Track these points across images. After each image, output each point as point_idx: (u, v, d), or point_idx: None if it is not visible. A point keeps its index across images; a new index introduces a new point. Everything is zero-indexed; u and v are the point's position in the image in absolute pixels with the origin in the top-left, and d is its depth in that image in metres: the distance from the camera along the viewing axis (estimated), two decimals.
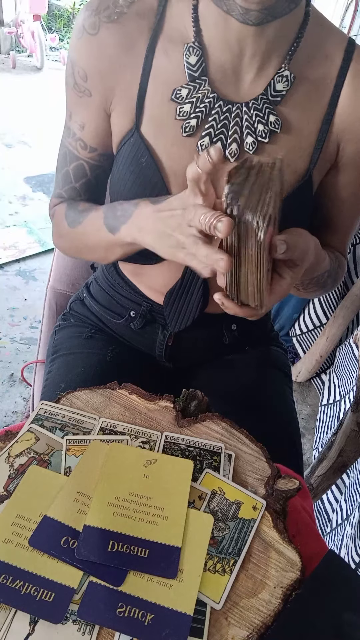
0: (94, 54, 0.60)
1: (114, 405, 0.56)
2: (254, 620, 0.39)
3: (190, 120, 0.59)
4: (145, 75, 0.59)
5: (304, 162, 0.62)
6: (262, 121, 0.59)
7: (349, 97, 0.60)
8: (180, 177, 0.61)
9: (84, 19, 0.59)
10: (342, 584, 0.43)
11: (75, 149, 0.68)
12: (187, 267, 0.67)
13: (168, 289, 0.70)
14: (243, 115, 0.59)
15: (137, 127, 0.61)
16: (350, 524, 1.04)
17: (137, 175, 0.62)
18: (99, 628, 0.38)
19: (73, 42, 0.61)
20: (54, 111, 3.83)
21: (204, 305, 0.69)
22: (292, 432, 0.76)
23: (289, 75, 0.58)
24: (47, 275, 1.06)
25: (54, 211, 0.75)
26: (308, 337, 1.80)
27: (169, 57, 0.59)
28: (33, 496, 0.45)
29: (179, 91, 0.59)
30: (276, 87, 0.59)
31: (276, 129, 0.60)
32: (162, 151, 0.61)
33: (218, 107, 0.59)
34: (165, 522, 0.44)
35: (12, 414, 1.57)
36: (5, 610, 0.38)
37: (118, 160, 0.65)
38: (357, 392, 1.07)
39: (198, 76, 0.58)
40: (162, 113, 0.60)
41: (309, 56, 0.60)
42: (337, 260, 0.73)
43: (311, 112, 0.61)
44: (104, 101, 0.63)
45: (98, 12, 0.58)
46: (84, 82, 0.62)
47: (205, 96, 0.59)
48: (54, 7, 6.08)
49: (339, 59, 0.60)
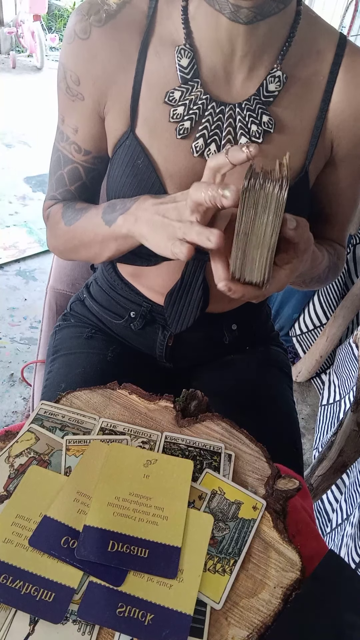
0: (86, 58, 0.60)
1: (114, 405, 0.56)
2: (254, 620, 0.39)
3: (184, 123, 0.59)
4: (138, 78, 0.60)
5: (300, 159, 0.63)
6: (256, 122, 0.59)
7: (341, 92, 0.61)
8: (177, 178, 0.61)
9: (74, 24, 0.59)
10: (342, 584, 0.43)
11: (70, 152, 0.68)
12: (187, 267, 0.67)
13: (168, 290, 0.70)
14: (236, 116, 0.59)
15: (132, 130, 0.61)
16: (350, 523, 1.04)
17: (134, 177, 0.63)
18: (99, 628, 0.38)
19: (64, 47, 0.62)
20: (54, 111, 3.80)
21: (204, 305, 0.69)
22: (292, 432, 0.76)
23: (281, 75, 0.59)
24: (47, 275, 1.06)
25: (48, 212, 0.75)
26: (308, 337, 1.80)
27: (161, 59, 0.59)
28: (33, 496, 0.45)
29: (171, 94, 0.59)
30: (268, 88, 0.59)
31: (270, 129, 0.60)
32: (157, 153, 0.61)
33: (211, 109, 0.59)
34: (165, 522, 0.44)
35: (12, 414, 1.57)
36: (5, 610, 0.38)
37: (114, 163, 0.65)
38: (357, 392, 1.07)
39: (190, 78, 0.58)
40: (156, 115, 0.60)
41: (301, 55, 0.60)
42: (335, 253, 0.73)
43: (304, 111, 0.61)
44: (97, 105, 0.63)
45: (89, 16, 0.59)
46: (76, 86, 0.62)
47: (198, 98, 0.59)
48: (54, 7, 6.08)
49: (331, 54, 0.60)
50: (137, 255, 0.69)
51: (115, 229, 0.61)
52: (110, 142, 0.66)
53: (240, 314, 0.79)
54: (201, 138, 0.60)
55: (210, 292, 0.69)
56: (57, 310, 1.03)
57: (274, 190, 0.46)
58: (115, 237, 0.62)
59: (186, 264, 0.67)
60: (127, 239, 0.61)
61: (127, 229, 0.59)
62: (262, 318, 0.87)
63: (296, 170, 0.63)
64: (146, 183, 0.62)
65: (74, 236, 0.69)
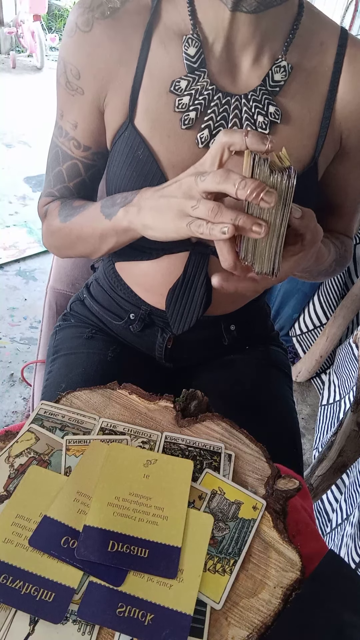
0: (87, 51, 0.60)
1: (114, 405, 0.56)
2: (254, 620, 0.39)
3: (190, 113, 0.59)
4: (140, 69, 0.59)
5: (309, 150, 0.62)
6: (262, 112, 0.59)
7: (347, 83, 0.61)
8: (179, 169, 0.60)
9: (76, 17, 0.59)
10: (342, 584, 0.43)
11: (69, 148, 0.68)
12: (189, 261, 0.66)
13: (169, 288, 0.69)
14: (242, 107, 0.60)
15: (130, 120, 0.61)
16: (350, 523, 1.04)
17: (134, 169, 0.62)
18: (99, 628, 0.38)
19: (65, 41, 0.61)
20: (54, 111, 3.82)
21: (207, 303, 0.68)
22: (292, 432, 0.76)
23: (286, 65, 0.59)
24: (47, 275, 1.06)
25: (45, 209, 0.74)
26: (308, 337, 1.80)
27: (167, 49, 0.59)
28: (33, 496, 0.45)
29: (177, 83, 0.59)
30: (274, 78, 0.59)
31: (276, 119, 0.60)
32: (158, 143, 0.61)
33: (217, 99, 0.59)
34: (165, 522, 0.44)
35: (12, 414, 1.57)
36: (5, 610, 0.38)
37: (113, 156, 0.64)
38: (357, 392, 1.07)
39: (197, 67, 0.59)
40: (159, 105, 0.60)
41: (305, 46, 0.60)
42: (342, 246, 0.73)
43: (311, 101, 0.61)
44: (97, 98, 0.63)
45: (91, 9, 0.58)
46: (76, 80, 0.62)
47: (205, 88, 0.59)
48: (54, 7, 6.08)
49: (334, 46, 0.61)
50: (137, 249, 0.69)
51: (115, 222, 0.60)
52: (109, 135, 0.65)
53: (238, 315, 0.78)
54: (207, 129, 0.60)
55: (215, 291, 0.67)
56: (57, 310, 1.03)
57: (282, 180, 0.45)
58: (115, 231, 0.61)
59: (188, 258, 0.66)
60: (128, 232, 0.60)
61: (128, 220, 0.58)
62: (261, 317, 0.87)
63: (305, 162, 0.63)
64: (147, 174, 0.61)
65: (71, 232, 0.68)
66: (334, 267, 0.72)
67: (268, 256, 0.49)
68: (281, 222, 0.48)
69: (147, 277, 0.73)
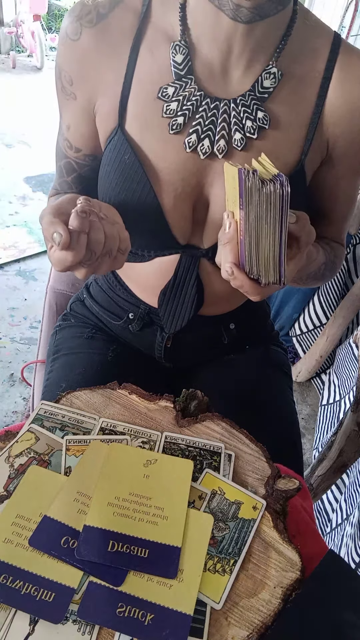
0: (77, 58, 0.61)
1: (114, 405, 0.56)
2: (254, 620, 0.39)
3: (177, 118, 0.60)
4: (129, 75, 0.60)
5: (295, 154, 0.63)
6: (250, 117, 0.60)
7: (337, 90, 0.61)
8: (166, 174, 0.62)
9: (66, 26, 0.61)
10: (342, 584, 0.43)
11: (64, 147, 0.70)
12: (180, 264, 0.68)
13: (161, 289, 0.70)
14: (231, 112, 0.60)
15: (120, 126, 0.62)
16: (350, 523, 1.04)
17: (120, 174, 0.63)
18: (99, 628, 0.38)
19: (59, 48, 0.63)
20: (54, 111, 3.81)
21: (198, 304, 0.70)
22: (293, 432, 0.76)
23: (276, 72, 0.59)
24: (47, 275, 1.06)
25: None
26: (308, 337, 1.80)
27: (155, 56, 0.60)
28: (33, 496, 0.45)
29: (165, 89, 0.59)
30: (263, 84, 0.59)
31: (264, 124, 0.60)
32: (147, 149, 0.61)
33: (205, 105, 0.60)
34: (165, 522, 0.44)
35: (12, 414, 1.57)
36: (5, 610, 0.38)
37: (104, 160, 0.66)
38: (357, 392, 1.07)
39: (184, 74, 0.59)
40: (148, 111, 0.60)
41: (297, 52, 0.60)
42: (332, 251, 0.74)
43: (299, 107, 0.61)
44: (88, 104, 0.64)
45: (80, 18, 0.59)
46: (69, 86, 0.63)
47: (192, 94, 0.59)
48: (54, 7, 6.08)
49: (326, 52, 0.61)
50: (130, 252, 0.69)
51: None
52: (102, 140, 0.66)
53: (238, 313, 0.79)
54: (194, 134, 0.60)
55: (206, 292, 0.69)
56: (57, 310, 1.03)
57: (275, 189, 0.46)
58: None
59: (179, 261, 0.67)
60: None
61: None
62: (260, 315, 0.87)
63: (292, 165, 0.63)
64: (132, 179, 0.62)
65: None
66: (323, 272, 0.72)
67: (273, 266, 0.50)
68: (281, 231, 0.48)
69: (142, 277, 0.74)
